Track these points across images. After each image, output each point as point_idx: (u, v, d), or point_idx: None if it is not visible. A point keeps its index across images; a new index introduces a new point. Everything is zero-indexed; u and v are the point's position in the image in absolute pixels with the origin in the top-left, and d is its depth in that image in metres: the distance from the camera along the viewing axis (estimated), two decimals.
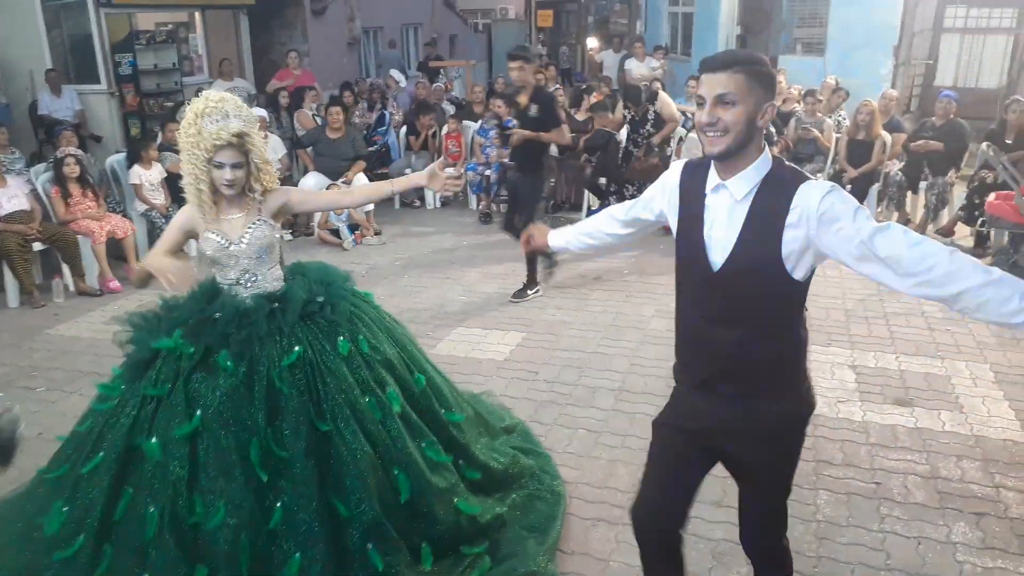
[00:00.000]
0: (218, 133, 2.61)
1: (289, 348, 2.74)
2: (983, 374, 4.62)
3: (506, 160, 8.82)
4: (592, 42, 21.75)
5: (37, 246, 6.37)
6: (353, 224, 7.87)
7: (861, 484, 3.56)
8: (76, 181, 6.64)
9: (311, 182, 8.21)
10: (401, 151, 9.64)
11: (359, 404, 2.77)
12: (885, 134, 7.91)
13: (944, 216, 7.70)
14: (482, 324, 5.60)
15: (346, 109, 9.27)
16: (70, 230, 6.49)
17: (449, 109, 10.67)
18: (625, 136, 8.32)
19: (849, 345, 5.05)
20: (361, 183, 8.10)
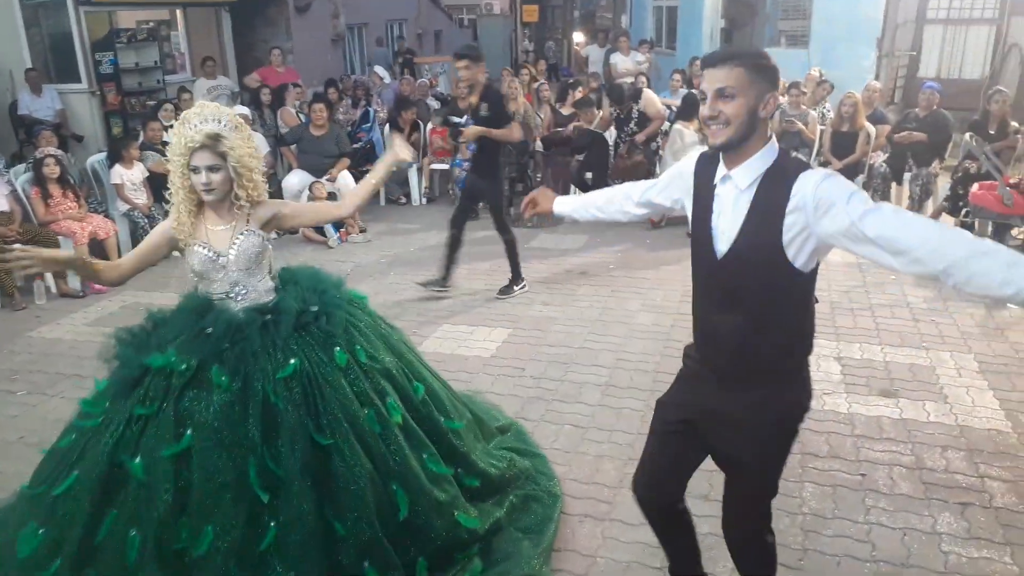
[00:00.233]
0: (192, 135, 2.58)
1: (284, 361, 2.64)
2: (967, 364, 4.64)
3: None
4: (578, 37, 21.74)
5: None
6: (338, 222, 7.83)
7: (847, 476, 3.56)
8: (56, 182, 6.58)
9: (295, 180, 8.16)
10: (385, 148, 9.60)
11: (358, 417, 2.68)
12: (869, 126, 7.94)
13: (928, 207, 7.73)
14: (468, 321, 5.59)
15: (330, 106, 9.20)
16: (51, 231, 6.44)
17: (434, 104, 10.63)
18: (613, 134, 8.34)
19: (835, 337, 5.06)
20: (345, 181, 8.06)
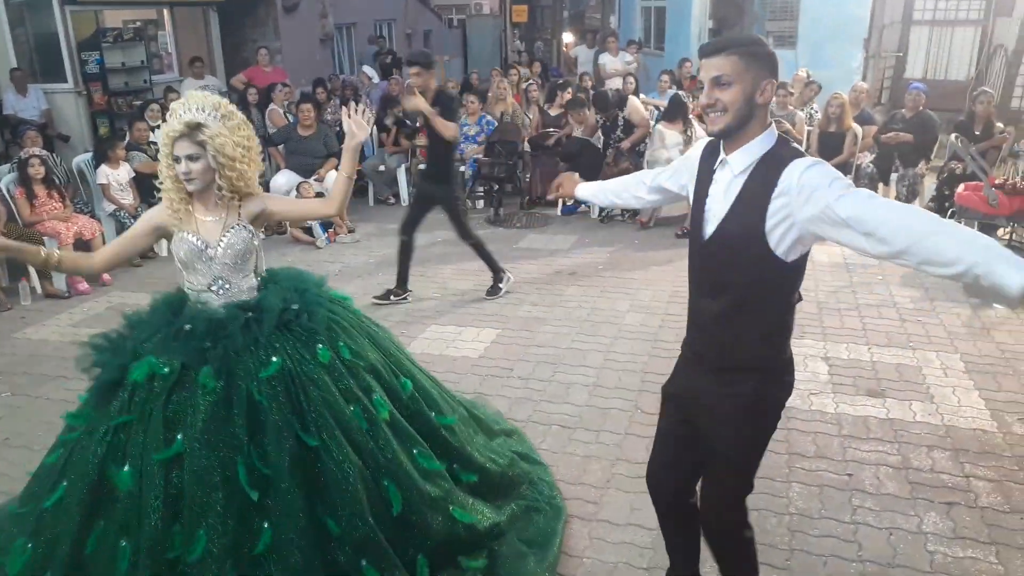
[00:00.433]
0: (173, 124, 2.57)
1: (267, 359, 2.60)
2: (954, 364, 4.66)
3: (479, 156, 8.82)
4: (567, 37, 21.78)
5: None
6: (326, 222, 7.80)
7: (833, 476, 3.57)
8: (41, 182, 6.53)
9: (282, 180, 8.12)
10: (375, 148, 9.58)
11: (344, 414, 2.64)
12: (856, 126, 7.98)
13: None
14: (456, 321, 5.57)
15: (318, 106, 9.18)
16: (36, 232, 6.38)
17: None
18: (601, 140, 8.37)
19: (822, 337, 5.08)
20: (333, 182, 8.02)
